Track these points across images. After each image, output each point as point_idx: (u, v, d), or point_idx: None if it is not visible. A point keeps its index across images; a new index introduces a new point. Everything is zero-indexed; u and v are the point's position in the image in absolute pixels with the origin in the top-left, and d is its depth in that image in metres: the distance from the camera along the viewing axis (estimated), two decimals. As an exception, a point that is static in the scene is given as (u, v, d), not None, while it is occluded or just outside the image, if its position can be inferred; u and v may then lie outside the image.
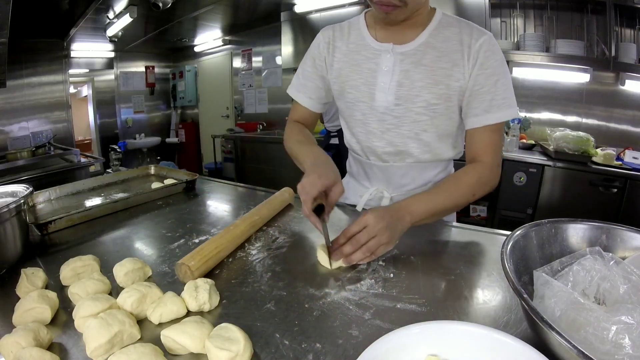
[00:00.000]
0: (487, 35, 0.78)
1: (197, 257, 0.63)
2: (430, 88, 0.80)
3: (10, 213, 0.66)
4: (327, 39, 0.90)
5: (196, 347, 0.45)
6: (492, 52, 0.77)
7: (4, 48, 1.92)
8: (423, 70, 0.80)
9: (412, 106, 0.82)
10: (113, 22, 3.62)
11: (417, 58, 0.80)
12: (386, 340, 0.38)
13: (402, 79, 0.81)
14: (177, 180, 1.22)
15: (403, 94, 0.81)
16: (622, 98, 2.51)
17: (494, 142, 0.81)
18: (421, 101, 0.81)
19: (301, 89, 0.96)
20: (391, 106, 0.83)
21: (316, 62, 0.92)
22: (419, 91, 0.80)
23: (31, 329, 0.45)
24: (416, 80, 0.80)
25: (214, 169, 4.65)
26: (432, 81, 0.79)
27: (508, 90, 0.78)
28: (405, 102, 0.82)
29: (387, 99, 0.83)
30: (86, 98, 5.56)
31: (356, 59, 0.86)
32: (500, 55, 0.78)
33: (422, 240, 0.77)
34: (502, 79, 0.77)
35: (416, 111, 0.82)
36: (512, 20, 2.77)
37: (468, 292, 0.58)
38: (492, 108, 0.78)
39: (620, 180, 2.07)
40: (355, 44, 0.87)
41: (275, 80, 4.45)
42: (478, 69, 0.77)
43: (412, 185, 0.93)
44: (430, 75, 0.79)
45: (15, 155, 2.58)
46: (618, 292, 0.44)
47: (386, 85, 0.82)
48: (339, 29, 0.90)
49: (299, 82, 0.97)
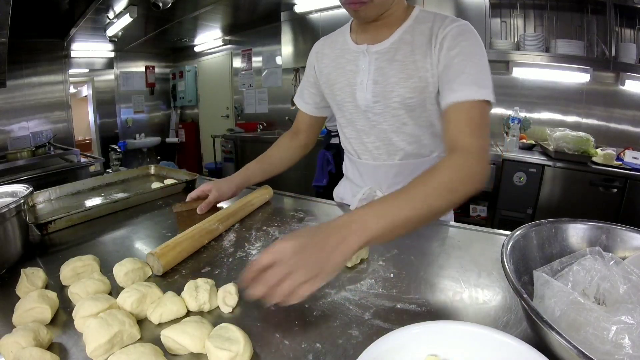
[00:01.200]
0: (459, 22, 0.75)
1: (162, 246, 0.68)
2: (403, 83, 0.81)
3: (10, 213, 0.66)
4: (317, 49, 0.99)
5: (196, 347, 0.45)
6: (460, 35, 0.74)
7: (4, 48, 1.92)
8: (396, 66, 0.81)
9: (389, 102, 0.84)
10: (113, 22, 3.62)
11: (391, 55, 0.82)
12: (386, 340, 0.38)
13: (377, 77, 0.84)
14: (177, 180, 1.22)
15: (379, 91, 0.84)
16: (622, 98, 2.51)
17: (471, 120, 0.68)
18: (396, 96, 0.82)
19: (300, 96, 1.07)
20: (370, 104, 0.86)
21: (309, 71, 1.02)
22: (393, 87, 0.82)
23: (31, 329, 0.45)
24: (390, 76, 0.82)
25: (214, 169, 4.64)
26: (405, 75, 0.80)
27: (481, 71, 0.71)
28: (382, 98, 0.84)
29: (366, 97, 0.86)
30: (86, 98, 5.56)
31: (340, 63, 0.91)
32: (474, 40, 0.74)
33: (422, 240, 0.77)
34: (473, 59, 0.72)
35: (393, 106, 0.84)
36: (512, 20, 2.77)
37: (468, 292, 0.58)
38: (461, 86, 0.70)
39: (620, 180, 2.07)
40: (340, 49, 0.92)
41: (275, 80, 4.45)
42: (445, 52, 0.74)
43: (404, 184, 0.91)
44: (402, 70, 0.81)
45: (15, 155, 2.58)
46: (618, 292, 0.44)
47: (364, 84, 0.85)
48: (329, 37, 0.98)
49: (300, 90, 1.07)
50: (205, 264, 0.69)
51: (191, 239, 0.72)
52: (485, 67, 0.73)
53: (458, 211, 2.74)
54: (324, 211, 1.00)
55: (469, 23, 0.77)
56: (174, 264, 0.67)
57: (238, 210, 0.90)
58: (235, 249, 0.75)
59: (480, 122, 0.69)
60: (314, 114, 1.06)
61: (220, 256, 0.72)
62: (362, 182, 0.99)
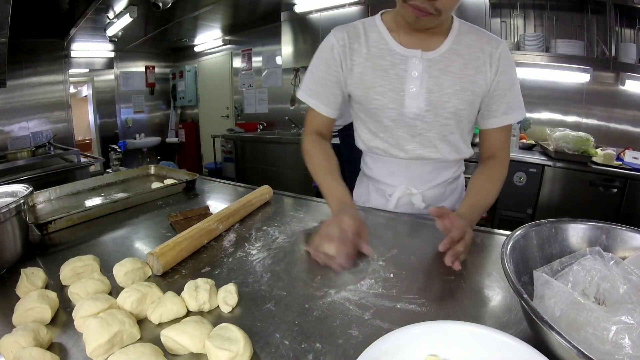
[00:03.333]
0: (503, 43, 0.85)
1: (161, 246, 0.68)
2: (458, 94, 0.83)
3: (10, 213, 0.66)
4: (341, 42, 0.86)
5: (196, 347, 0.45)
6: (509, 60, 0.85)
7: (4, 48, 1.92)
8: (451, 77, 0.83)
9: (442, 111, 0.85)
10: (113, 22, 3.62)
11: (444, 65, 0.83)
12: (386, 340, 0.38)
13: (432, 86, 0.83)
14: (177, 180, 1.22)
15: (433, 100, 0.84)
16: (622, 98, 2.51)
17: (508, 139, 0.93)
18: (450, 107, 0.84)
19: (316, 96, 0.92)
20: (422, 112, 0.85)
21: (330, 67, 0.88)
22: (449, 98, 0.83)
23: (31, 329, 0.45)
24: (446, 87, 0.83)
25: (214, 168, 4.64)
26: (460, 88, 0.83)
27: (519, 93, 0.88)
28: (435, 107, 0.84)
29: (418, 105, 0.84)
30: (86, 98, 5.56)
31: (381, 64, 0.84)
32: (513, 62, 0.87)
33: (422, 240, 0.77)
34: (516, 84, 0.86)
35: (445, 116, 0.86)
36: (512, 20, 2.77)
37: (468, 292, 0.58)
38: (509, 110, 0.87)
39: (620, 180, 2.07)
40: (377, 48, 0.84)
41: (275, 80, 4.45)
42: (499, 76, 0.84)
43: (437, 181, 0.96)
44: (458, 82, 0.83)
45: (15, 155, 2.58)
46: (618, 292, 0.44)
47: (416, 91, 0.83)
48: (353, 30, 0.86)
49: (313, 87, 0.92)
50: (205, 264, 0.69)
51: (191, 238, 0.72)
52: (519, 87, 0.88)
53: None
54: (324, 211, 1.00)
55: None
56: (174, 264, 0.67)
57: (238, 210, 0.90)
58: (235, 249, 0.75)
59: (510, 136, 0.95)
60: (334, 117, 0.95)
61: (220, 256, 0.72)
62: (393, 180, 0.96)
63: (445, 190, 0.99)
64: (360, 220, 0.71)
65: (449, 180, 0.97)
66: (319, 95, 0.91)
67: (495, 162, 0.90)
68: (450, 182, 0.99)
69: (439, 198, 0.99)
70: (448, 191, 1.00)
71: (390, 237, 0.82)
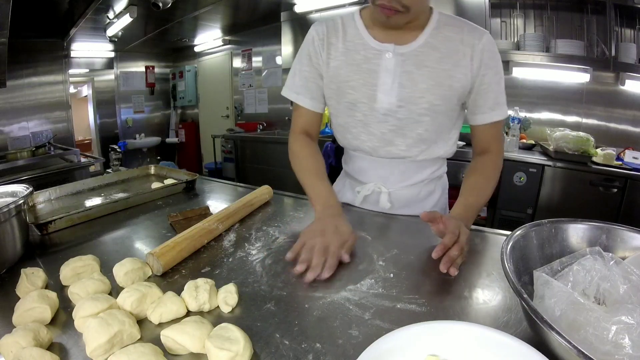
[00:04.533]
0: (487, 34, 0.81)
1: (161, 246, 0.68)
2: (433, 90, 0.80)
3: (10, 213, 0.66)
4: (320, 35, 0.87)
5: (196, 347, 0.45)
6: (494, 52, 0.81)
7: (4, 48, 1.92)
8: (426, 71, 0.80)
9: (415, 107, 0.82)
10: (113, 22, 3.62)
11: (419, 59, 0.80)
12: (386, 340, 0.38)
13: (405, 81, 0.81)
14: (177, 180, 1.22)
15: (405, 96, 0.82)
16: (622, 98, 2.51)
17: (499, 133, 0.91)
18: (424, 102, 0.81)
19: (301, 91, 0.91)
20: (394, 108, 0.83)
21: (312, 59, 0.89)
22: (422, 93, 0.81)
23: (31, 329, 0.45)
24: (419, 82, 0.81)
25: (214, 169, 4.64)
26: (435, 83, 0.80)
27: (503, 87, 0.85)
28: (407, 103, 0.82)
29: (390, 101, 0.83)
30: (86, 98, 5.56)
31: (355, 59, 0.84)
32: (499, 54, 0.83)
33: (422, 240, 0.77)
34: (502, 78, 0.83)
35: (418, 112, 0.83)
36: (512, 20, 2.77)
37: (468, 292, 0.58)
38: (497, 106, 0.84)
39: (620, 180, 2.07)
40: (352, 42, 0.85)
41: (275, 80, 4.45)
42: (484, 69, 0.80)
43: (409, 182, 0.94)
44: (433, 77, 0.80)
45: (15, 155, 2.58)
46: (618, 292, 0.44)
47: (388, 86, 0.82)
48: (332, 24, 0.87)
49: (297, 83, 0.91)
50: (205, 264, 0.69)
51: (191, 238, 0.72)
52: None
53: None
54: (324, 211, 0.99)
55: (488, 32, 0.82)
56: (174, 264, 0.67)
57: (238, 211, 0.90)
58: (235, 249, 0.75)
59: (502, 131, 0.94)
60: (322, 111, 0.95)
61: (220, 256, 0.72)
62: (365, 178, 0.96)
63: (420, 191, 0.95)
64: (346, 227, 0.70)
65: (424, 181, 0.94)
66: (303, 90, 0.91)
67: (488, 157, 0.89)
68: (426, 184, 0.95)
69: (412, 199, 0.95)
70: (424, 193, 0.96)
71: (390, 237, 0.82)
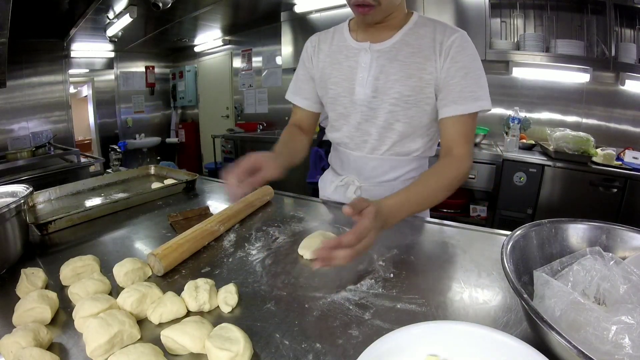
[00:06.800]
0: (460, 33, 0.83)
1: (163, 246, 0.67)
2: (403, 81, 0.85)
3: (10, 213, 0.66)
4: (313, 44, 1.00)
5: (196, 347, 0.45)
6: (463, 48, 0.82)
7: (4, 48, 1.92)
8: (397, 65, 0.85)
9: (387, 97, 0.87)
10: (113, 22, 3.62)
11: (393, 54, 0.86)
12: (386, 340, 0.38)
13: (378, 73, 0.87)
14: (177, 180, 1.22)
15: (379, 86, 0.87)
16: (622, 98, 2.51)
17: (465, 132, 0.83)
18: (395, 92, 0.86)
19: (297, 92, 1.05)
20: (368, 98, 0.89)
21: (306, 65, 1.01)
22: (393, 84, 0.86)
23: (31, 329, 0.45)
24: (391, 74, 0.86)
25: (214, 169, 4.64)
26: (405, 74, 0.85)
27: (478, 84, 0.81)
28: (380, 94, 0.88)
29: (365, 92, 0.89)
30: (86, 98, 5.55)
31: (338, 58, 0.93)
32: (472, 52, 0.82)
33: (422, 240, 0.77)
34: (472, 73, 0.81)
35: (390, 102, 0.88)
36: (512, 20, 2.77)
37: (468, 292, 0.58)
38: (460, 99, 0.81)
39: (620, 180, 2.07)
40: (337, 45, 0.95)
41: (275, 80, 4.45)
42: (449, 63, 0.82)
43: (383, 178, 0.97)
44: (404, 69, 0.85)
45: (15, 155, 2.58)
46: (618, 292, 0.44)
47: (364, 79, 0.89)
48: (324, 34, 1.00)
49: (295, 86, 1.06)
50: (205, 264, 0.69)
51: (193, 240, 0.72)
52: (483, 78, 0.82)
53: (458, 211, 2.74)
54: (324, 211, 1.00)
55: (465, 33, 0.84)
56: (175, 265, 0.67)
57: (240, 212, 0.89)
58: (235, 249, 0.75)
59: (471, 131, 0.85)
60: (314, 110, 1.05)
61: (220, 256, 0.72)
62: (342, 170, 1.03)
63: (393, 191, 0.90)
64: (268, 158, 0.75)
65: (397, 179, 0.95)
66: (300, 91, 1.05)
67: (451, 161, 0.81)
68: (399, 183, 0.95)
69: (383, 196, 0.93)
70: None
71: (390, 237, 0.82)
